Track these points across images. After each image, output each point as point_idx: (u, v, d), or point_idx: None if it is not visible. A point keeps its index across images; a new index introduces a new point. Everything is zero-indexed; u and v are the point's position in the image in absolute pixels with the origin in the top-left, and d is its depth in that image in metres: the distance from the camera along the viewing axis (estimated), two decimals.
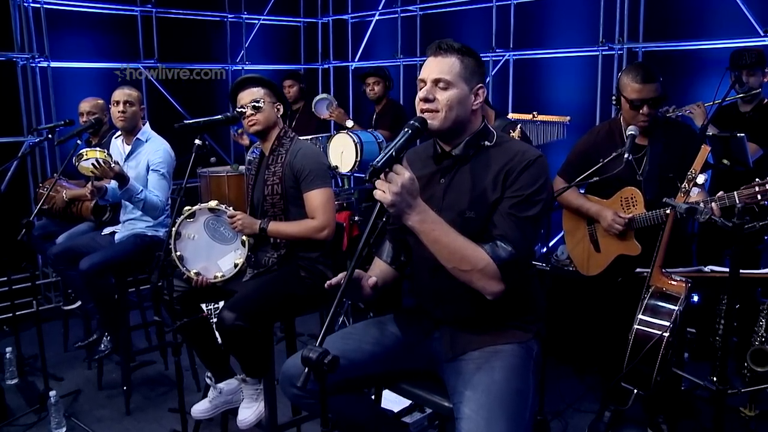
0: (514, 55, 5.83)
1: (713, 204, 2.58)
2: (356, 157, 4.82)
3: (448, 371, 2.09)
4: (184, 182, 2.84)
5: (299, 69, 7.37)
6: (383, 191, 1.77)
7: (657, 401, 3.30)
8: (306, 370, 1.58)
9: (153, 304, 4.29)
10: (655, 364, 2.35)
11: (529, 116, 4.88)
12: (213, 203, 3.11)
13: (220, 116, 2.98)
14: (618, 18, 5.05)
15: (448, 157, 2.10)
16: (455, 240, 1.88)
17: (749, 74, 3.86)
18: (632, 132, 2.95)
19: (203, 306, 3.30)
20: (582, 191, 3.38)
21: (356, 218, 4.81)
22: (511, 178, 1.98)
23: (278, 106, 3.15)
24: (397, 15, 6.70)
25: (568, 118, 4.80)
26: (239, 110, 3.08)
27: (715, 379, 3.66)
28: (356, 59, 7.32)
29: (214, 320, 2.90)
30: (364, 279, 2.08)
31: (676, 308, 2.41)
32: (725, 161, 3.50)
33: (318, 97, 6.17)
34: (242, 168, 5.59)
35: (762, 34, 4.43)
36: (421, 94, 2.01)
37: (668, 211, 2.45)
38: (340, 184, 5.17)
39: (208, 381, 3.19)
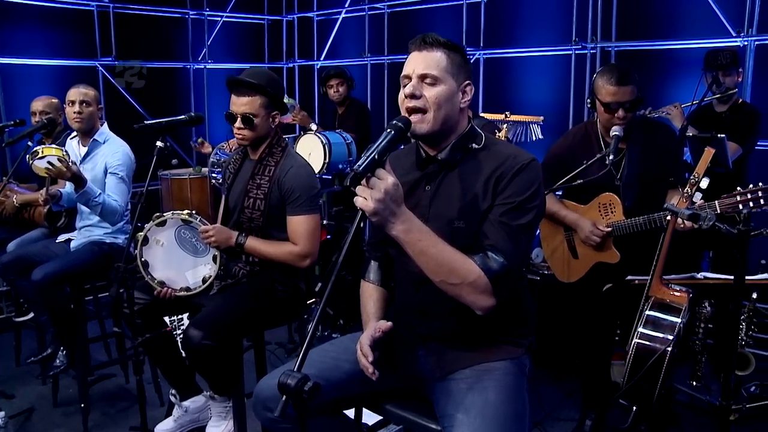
0: (484, 53, 5.73)
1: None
2: (324, 158, 4.70)
3: (437, 391, 1.95)
4: (145, 186, 2.65)
5: (260, 67, 7.17)
6: (365, 198, 1.62)
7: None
8: (284, 397, 1.43)
9: (113, 317, 4.07)
10: (657, 379, 2.23)
11: (501, 116, 4.77)
12: (186, 213, 2.83)
13: (183, 116, 2.79)
14: (591, 17, 4.99)
15: (433, 162, 1.95)
16: (443, 251, 1.74)
17: (725, 74, 3.80)
18: (616, 133, 2.84)
19: (166, 319, 3.10)
20: (558, 194, 3.27)
21: (325, 222, 4.66)
22: (502, 184, 1.84)
23: (275, 116, 2.89)
24: (364, 13, 6.56)
25: (542, 118, 4.71)
26: (229, 113, 2.84)
27: (694, 383, 3.66)
28: (322, 58, 7.14)
29: (178, 332, 2.71)
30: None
31: (679, 321, 2.30)
32: None
33: None
34: (205, 170, 5.42)
35: (734, 35, 4.40)
36: (406, 90, 1.85)
37: (668, 218, 2.35)
38: None
39: (172, 399, 2.99)
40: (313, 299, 3.69)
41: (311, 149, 4.72)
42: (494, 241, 1.79)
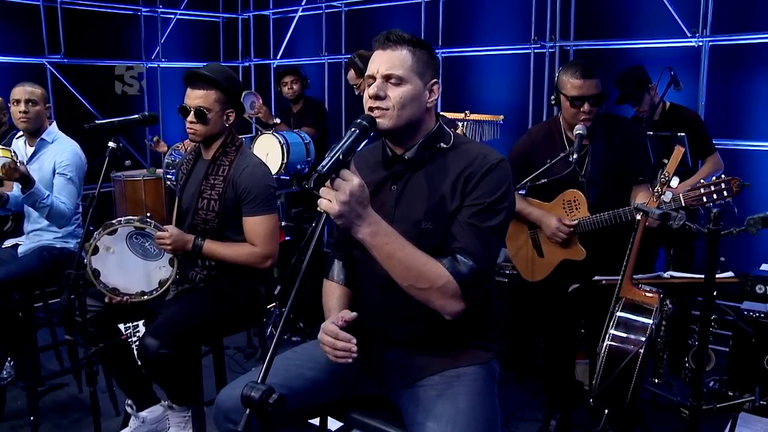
0: (443, 52, 5.71)
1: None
2: (282, 159, 4.60)
3: (404, 398, 1.89)
4: (97, 188, 2.53)
5: None
6: (329, 200, 1.56)
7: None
8: (247, 411, 1.36)
9: (64, 325, 3.91)
10: (630, 381, 2.22)
11: (461, 115, 4.75)
12: (138, 220, 2.70)
13: (136, 116, 2.68)
14: (549, 16, 5.00)
15: (399, 161, 1.90)
16: (411, 255, 1.68)
17: (634, 104, 3.80)
18: (580, 131, 2.83)
19: (121, 326, 2.98)
20: (522, 193, 3.25)
21: (283, 223, 4.57)
22: (470, 185, 1.79)
23: (229, 113, 2.80)
24: (321, 11, 6.47)
25: (502, 117, 4.70)
26: (182, 106, 2.75)
27: (656, 380, 3.69)
28: (278, 57, 7.04)
29: (134, 339, 2.60)
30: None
31: (651, 322, 2.29)
32: (666, 161, 3.45)
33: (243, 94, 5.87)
34: (160, 171, 5.28)
35: (689, 35, 4.46)
36: (370, 90, 1.80)
37: (638, 217, 2.34)
38: None
39: (128, 410, 2.88)
40: (273, 303, 3.62)
41: (269, 149, 4.63)
42: (463, 244, 1.74)
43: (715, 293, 3.33)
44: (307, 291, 3.91)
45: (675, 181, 2.33)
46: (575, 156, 2.77)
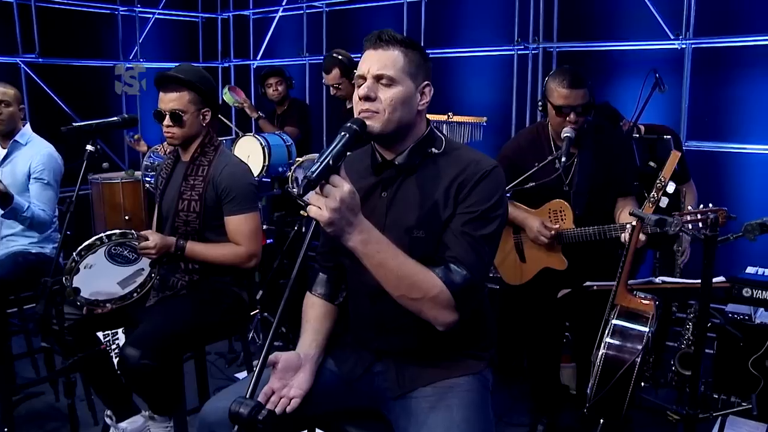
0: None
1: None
2: (264, 161, 4.53)
3: (397, 410, 1.84)
4: (75, 192, 2.46)
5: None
6: (319, 207, 1.50)
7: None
8: (236, 428, 1.31)
9: (41, 333, 3.81)
10: (626, 390, 2.18)
11: (443, 117, 4.71)
12: (119, 234, 2.60)
13: (115, 118, 2.62)
14: (532, 17, 4.98)
15: (389, 167, 1.84)
16: (404, 264, 1.63)
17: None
18: (568, 134, 2.78)
19: (100, 334, 2.89)
20: (508, 196, 3.21)
21: (265, 227, 4.50)
22: (464, 192, 1.74)
23: (205, 113, 2.75)
24: (302, 11, 6.40)
25: (485, 118, 4.67)
26: (158, 111, 2.68)
27: (642, 384, 3.67)
28: (258, 57, 6.95)
29: (113, 347, 2.52)
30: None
31: (647, 330, 2.25)
32: (652, 164, 3.45)
33: (227, 88, 5.77)
34: (138, 174, 5.17)
35: (672, 37, 4.46)
36: (360, 92, 1.74)
37: (634, 223, 2.31)
38: None
39: (108, 420, 2.79)
40: (257, 310, 3.55)
41: (250, 151, 4.55)
42: (456, 253, 1.70)
43: None
44: (291, 295, 3.83)
45: (671, 187, 2.30)
46: (563, 160, 2.74)
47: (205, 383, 2.90)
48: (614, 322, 2.30)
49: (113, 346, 3.33)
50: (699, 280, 2.25)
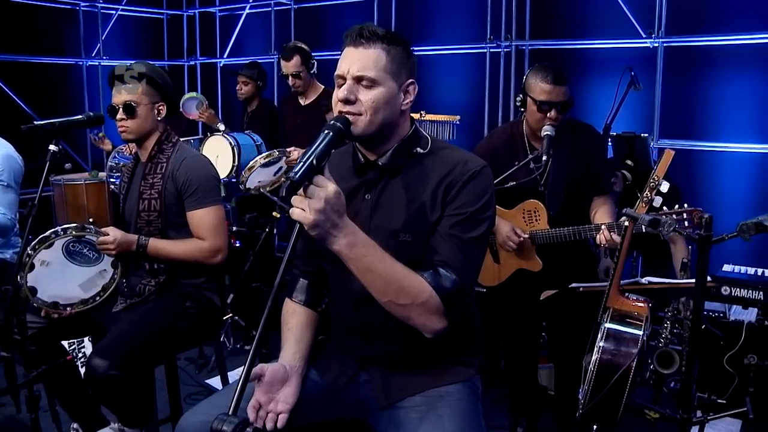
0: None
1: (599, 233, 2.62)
2: (233, 161, 4.42)
3: (384, 421, 1.76)
4: (37, 195, 2.33)
5: (163, 66, 6.76)
6: (303, 209, 1.42)
7: (565, 407, 3.10)
8: None
9: (1, 344, 3.64)
10: (621, 396, 2.13)
11: (416, 115, 4.65)
12: (74, 227, 2.50)
13: (80, 116, 2.49)
14: (504, 15, 4.94)
15: (373, 168, 1.76)
16: (392, 268, 1.56)
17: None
18: (548, 132, 2.73)
19: (65, 343, 2.76)
20: None
21: (234, 228, 4.38)
22: (452, 193, 1.67)
23: (160, 107, 2.65)
24: (270, 9, 6.29)
25: (458, 117, 4.64)
26: (111, 106, 2.58)
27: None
28: (225, 56, 6.82)
29: (79, 356, 2.40)
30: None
31: (641, 333, 2.20)
32: (629, 162, 3.43)
33: (186, 96, 5.64)
34: (102, 175, 5.01)
35: (644, 36, 4.46)
36: (340, 94, 1.65)
37: (626, 223, 2.26)
38: None
39: None
40: (230, 314, 3.44)
41: (219, 151, 4.44)
42: (445, 257, 1.63)
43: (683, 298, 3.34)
44: (262, 297, 3.74)
45: (665, 186, 2.25)
46: (544, 158, 2.69)
47: (176, 392, 2.79)
48: (607, 325, 2.24)
49: (79, 355, 3.19)
50: (685, 281, 2.22)
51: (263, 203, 4.12)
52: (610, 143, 3.75)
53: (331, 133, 1.53)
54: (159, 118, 2.66)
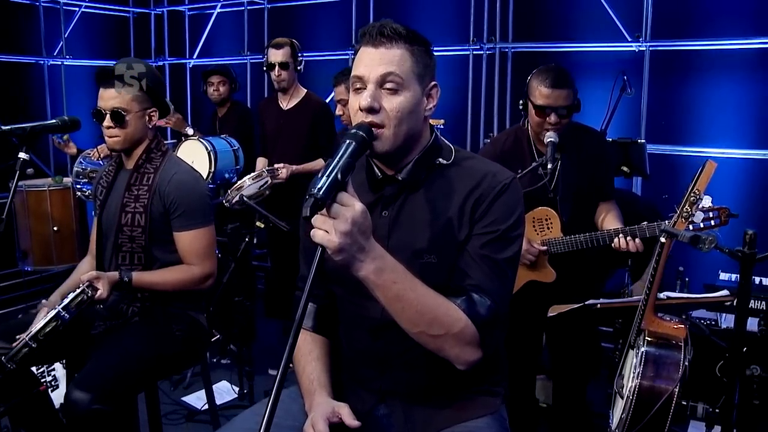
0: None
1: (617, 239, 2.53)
2: (210, 167, 4.21)
3: None
4: (8, 203, 2.12)
5: None
6: (326, 231, 1.25)
7: (564, 422, 3.08)
8: None
9: None
10: (664, 424, 1.99)
11: None
12: (74, 306, 2.19)
13: (54, 120, 2.28)
14: (487, 16, 4.83)
15: (391, 182, 1.59)
16: (424, 296, 1.40)
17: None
18: (551, 139, 2.61)
19: (34, 369, 2.51)
20: None
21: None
22: (481, 209, 1.52)
23: (152, 114, 2.46)
24: (243, 8, 6.07)
25: (442, 121, 4.49)
26: (97, 110, 2.36)
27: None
28: (195, 56, 6.57)
29: (48, 379, 2.17)
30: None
31: (683, 357, 2.07)
32: (625, 168, 3.34)
33: None
34: (67, 180, 4.74)
35: (630, 40, 4.38)
36: (362, 102, 1.47)
37: (663, 240, 2.13)
38: None
39: None
40: (217, 336, 3.24)
41: (194, 157, 4.21)
42: (478, 281, 1.48)
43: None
44: (244, 310, 3.55)
45: (707, 200, 2.12)
46: (550, 167, 2.57)
47: (157, 419, 2.58)
48: (646, 349, 2.10)
49: (49, 379, 2.95)
50: (709, 295, 2.12)
51: (245, 213, 3.92)
52: None
53: (354, 143, 1.37)
54: (150, 125, 2.46)
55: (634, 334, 2.18)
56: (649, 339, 2.14)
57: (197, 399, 3.75)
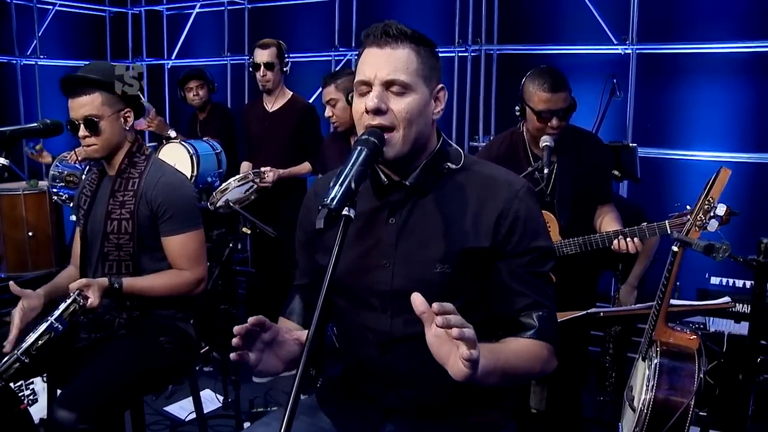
0: (357, 54, 5.35)
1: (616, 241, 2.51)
2: (192, 170, 4.10)
3: None
4: None
5: None
6: (470, 360, 1.18)
7: (557, 428, 3.04)
8: None
9: None
10: None
11: None
12: (69, 315, 2.08)
13: (35, 124, 2.16)
14: (472, 18, 4.78)
15: (398, 188, 1.53)
16: (514, 362, 1.40)
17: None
18: (547, 143, 2.58)
19: (11, 386, 2.39)
20: None
21: None
22: (508, 226, 1.48)
23: (127, 115, 2.35)
24: (223, 8, 5.96)
25: None
26: (70, 120, 2.26)
27: (601, 398, 3.54)
28: (173, 57, 6.44)
29: (27, 394, 2.05)
30: (285, 333, 1.42)
31: (697, 369, 2.03)
32: (615, 172, 3.31)
33: None
34: (43, 184, 4.61)
35: (615, 42, 4.37)
36: (369, 104, 1.42)
37: (675, 249, 2.09)
38: None
39: None
40: (206, 347, 3.14)
41: (176, 160, 4.10)
42: (534, 298, 1.48)
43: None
44: (230, 318, 3.45)
45: (722, 209, 2.08)
46: (545, 171, 2.52)
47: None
48: (660, 361, 2.06)
49: (27, 393, 2.83)
50: (713, 302, 2.09)
51: (230, 217, 3.83)
52: None
53: (366, 150, 1.32)
54: (127, 128, 2.36)
55: (646, 344, 2.13)
56: (662, 350, 2.10)
57: (180, 409, 3.65)
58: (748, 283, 3.36)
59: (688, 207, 2.41)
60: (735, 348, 3.19)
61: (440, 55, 4.56)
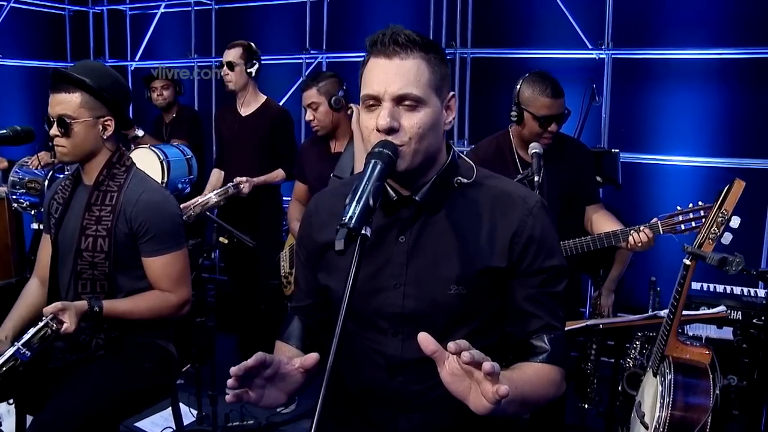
0: (328, 57, 5.27)
1: (634, 234, 2.44)
2: (162, 177, 3.97)
3: None
4: None
5: (65, 66, 6.11)
6: (496, 399, 1.15)
7: None
8: None
9: None
10: None
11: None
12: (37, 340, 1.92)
13: (4, 131, 2.03)
14: (445, 22, 4.73)
15: (407, 204, 1.45)
16: (529, 390, 1.35)
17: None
18: (536, 150, 2.54)
19: None
20: None
21: None
22: (522, 243, 1.42)
23: (107, 123, 2.20)
24: (189, 8, 5.81)
25: None
26: (47, 116, 2.12)
27: (586, 405, 3.52)
28: (137, 58, 6.25)
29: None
30: (287, 365, 1.32)
31: (712, 385, 1.98)
32: (597, 178, 3.29)
33: None
34: (2, 190, 4.40)
35: (590, 47, 4.36)
36: (381, 122, 1.32)
37: (688, 262, 2.04)
38: None
39: None
40: (188, 365, 3.01)
41: (145, 166, 3.88)
42: (546, 320, 1.43)
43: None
44: (206, 331, 3.33)
45: (736, 221, 2.03)
46: (536, 179, 2.47)
47: None
48: (674, 377, 2.00)
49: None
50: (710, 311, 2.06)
51: (200, 226, 3.70)
52: None
53: (380, 164, 1.24)
54: (105, 137, 2.20)
55: (657, 360, 2.08)
56: (676, 365, 2.05)
57: (152, 424, 3.51)
58: (728, 288, 3.37)
59: (678, 208, 2.41)
60: (717, 353, 3.19)
61: None
